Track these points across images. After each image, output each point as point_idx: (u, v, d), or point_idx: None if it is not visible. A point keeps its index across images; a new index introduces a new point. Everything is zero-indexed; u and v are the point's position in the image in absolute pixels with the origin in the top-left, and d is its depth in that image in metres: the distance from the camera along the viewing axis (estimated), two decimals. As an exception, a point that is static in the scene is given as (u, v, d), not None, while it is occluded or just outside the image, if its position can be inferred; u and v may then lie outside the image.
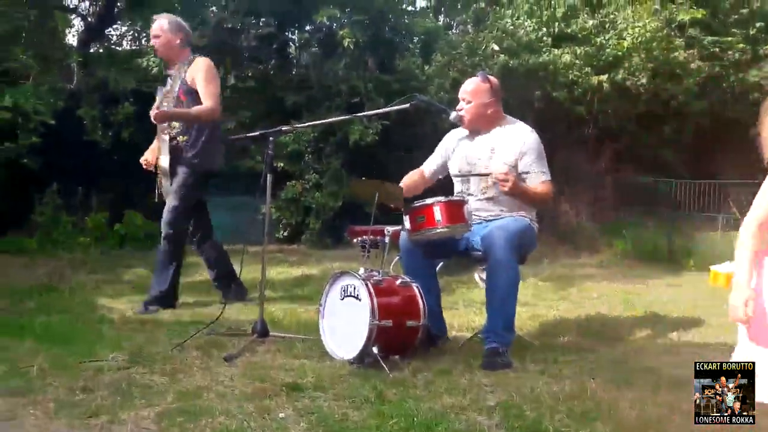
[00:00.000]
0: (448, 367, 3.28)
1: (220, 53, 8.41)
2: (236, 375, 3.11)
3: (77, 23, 11.95)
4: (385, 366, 3.18)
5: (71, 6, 11.38)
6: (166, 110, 4.48)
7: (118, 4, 10.25)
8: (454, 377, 3.14)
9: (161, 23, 4.68)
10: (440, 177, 4.04)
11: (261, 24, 8.58)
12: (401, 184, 3.85)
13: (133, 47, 11.27)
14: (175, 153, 4.58)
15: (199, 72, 4.55)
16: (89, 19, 10.94)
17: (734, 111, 10.35)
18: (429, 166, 4.04)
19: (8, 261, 6.61)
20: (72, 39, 11.47)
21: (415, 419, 2.56)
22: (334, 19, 8.42)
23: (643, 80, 9.04)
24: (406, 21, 9.83)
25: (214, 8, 8.57)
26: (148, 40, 9.54)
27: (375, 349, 3.24)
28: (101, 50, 10.81)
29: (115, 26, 11.26)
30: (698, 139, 10.88)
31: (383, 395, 2.83)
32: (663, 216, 8.39)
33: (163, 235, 4.66)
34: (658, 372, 3.27)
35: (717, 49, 10.02)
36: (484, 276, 3.67)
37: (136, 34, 10.96)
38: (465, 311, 4.79)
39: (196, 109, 4.47)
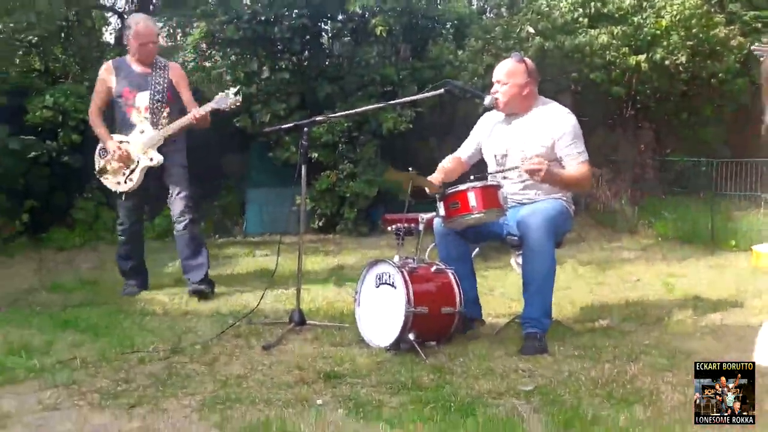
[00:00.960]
0: (485, 353, 3.28)
1: (254, 45, 8.48)
2: (274, 363, 3.15)
3: (114, 21, 12.18)
4: (421, 352, 3.19)
5: (108, 4, 11.59)
6: (202, 113, 4.66)
7: (154, 1, 10.40)
8: (490, 362, 3.13)
9: (154, 25, 5.01)
10: (477, 160, 4.01)
11: (294, 15, 8.59)
12: (438, 171, 3.83)
13: (169, 43, 11.42)
14: (168, 147, 4.80)
15: (182, 79, 4.94)
16: (125, 17, 11.11)
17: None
18: (465, 151, 4.01)
19: (51, 256, 6.77)
20: (109, 37, 11.68)
21: (453, 405, 2.57)
22: (366, 8, 8.40)
23: (683, 59, 8.81)
24: (439, 7, 9.77)
25: (247, 1, 8.62)
26: (183, 36, 9.73)
27: (411, 336, 3.25)
28: (138, 47, 10.96)
29: (150, 23, 11.40)
30: (739, 117, 10.61)
31: (420, 381, 2.85)
32: (704, 196, 8.21)
33: (189, 220, 4.87)
34: (699, 355, 3.21)
35: (759, 24, 9.74)
36: (520, 261, 3.64)
37: (172, 30, 11.09)
38: (501, 297, 4.77)
39: (204, 116, 4.70)
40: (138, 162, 4.73)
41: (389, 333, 3.33)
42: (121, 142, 4.73)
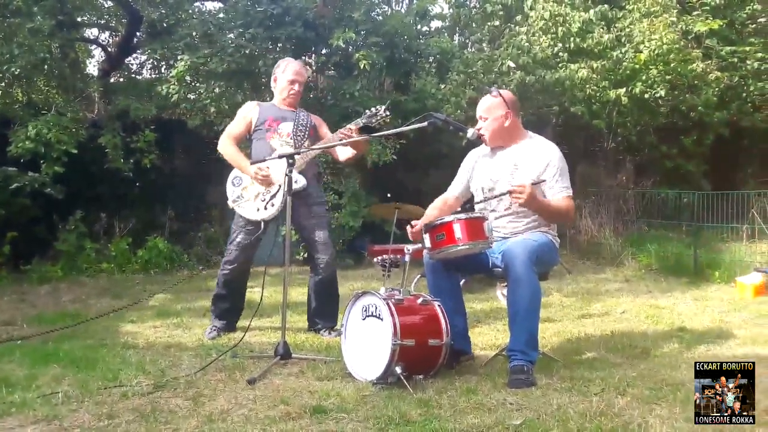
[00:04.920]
0: (473, 386, 3.25)
1: (238, 78, 8.52)
2: (259, 398, 3.10)
3: (98, 54, 12.22)
4: (408, 386, 3.17)
5: (92, 37, 11.62)
6: (353, 128, 4.41)
7: (138, 34, 10.43)
8: (478, 396, 3.10)
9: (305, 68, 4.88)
10: (468, 198, 4.02)
11: (278, 49, 8.66)
12: (426, 216, 3.84)
13: (153, 75, 11.45)
14: (307, 174, 4.53)
15: (323, 124, 4.79)
16: (110, 50, 11.15)
17: (755, 120, 10.28)
18: (454, 190, 4.03)
19: (33, 288, 6.69)
20: (93, 69, 11.71)
21: (441, 439, 2.54)
22: (350, 42, 8.49)
23: (662, 92, 8.97)
24: (421, 41, 9.89)
25: (231, 35, 8.68)
26: (168, 68, 9.74)
27: (398, 369, 3.22)
28: (122, 79, 10.99)
29: (134, 55, 11.46)
30: (719, 149, 10.78)
31: (407, 416, 2.81)
32: (686, 228, 8.30)
33: (330, 267, 4.61)
34: (687, 387, 3.21)
35: (735, 59, 9.95)
36: (506, 292, 3.64)
37: (156, 63, 11.11)
38: (488, 329, 4.76)
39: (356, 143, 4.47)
40: (280, 186, 4.41)
41: (376, 366, 3.30)
42: (259, 166, 4.43)
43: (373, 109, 4.37)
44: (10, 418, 2.83)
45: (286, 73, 4.68)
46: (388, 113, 4.36)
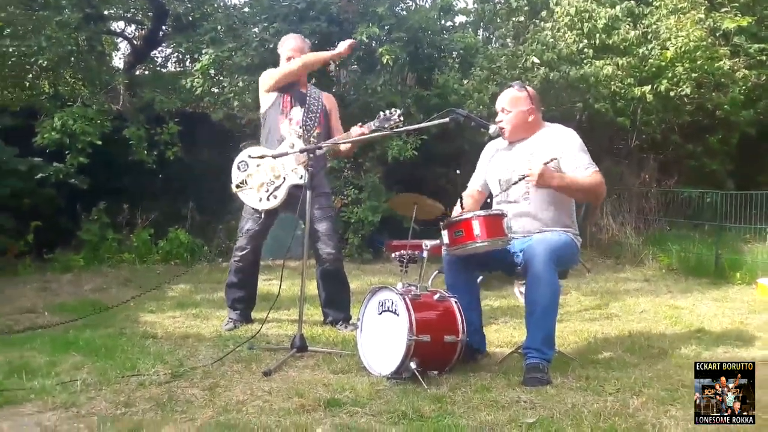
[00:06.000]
0: (487, 383, 3.25)
1: (262, 72, 8.53)
2: (275, 390, 3.13)
3: (123, 46, 12.33)
4: (423, 381, 3.17)
5: (118, 30, 11.73)
6: (366, 131, 4.38)
7: (164, 27, 10.53)
8: (492, 393, 3.10)
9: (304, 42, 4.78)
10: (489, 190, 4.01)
11: (302, 43, 8.69)
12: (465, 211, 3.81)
13: (178, 69, 11.54)
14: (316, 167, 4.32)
15: (335, 107, 4.77)
16: (135, 43, 11.25)
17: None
18: (475, 184, 4.03)
19: (56, 277, 6.78)
20: (119, 62, 11.82)
21: (453, 436, 2.54)
22: (373, 37, 8.49)
23: (687, 90, 8.86)
24: (445, 36, 9.86)
25: (256, 29, 8.71)
26: (192, 62, 9.82)
27: (413, 365, 3.23)
28: (147, 72, 11.09)
29: (160, 49, 11.56)
30: (745, 149, 10.64)
31: (421, 411, 2.82)
32: (709, 228, 8.20)
33: (334, 258, 4.59)
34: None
35: (764, 57, 9.79)
36: (523, 290, 3.62)
37: (181, 56, 11.21)
38: (504, 326, 4.75)
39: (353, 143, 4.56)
40: (285, 179, 4.46)
41: (391, 361, 3.31)
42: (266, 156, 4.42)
43: (387, 113, 4.28)
44: (29, 404, 2.89)
45: (283, 51, 4.68)
46: (401, 119, 4.31)
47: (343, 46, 4.48)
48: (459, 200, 3.73)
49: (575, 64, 8.66)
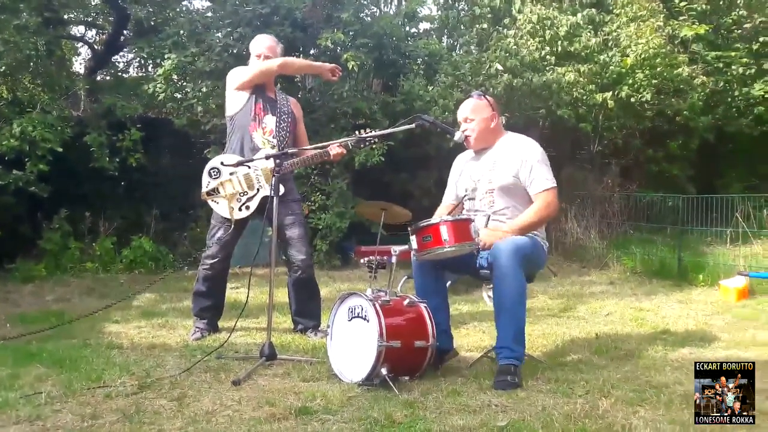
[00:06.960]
0: (458, 388, 3.26)
1: (225, 77, 8.45)
2: (245, 399, 3.10)
3: (84, 51, 12.13)
4: (394, 387, 3.17)
5: (78, 35, 11.54)
6: (339, 152, 4.48)
7: (125, 32, 10.38)
8: (463, 398, 3.11)
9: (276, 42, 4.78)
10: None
11: (266, 48, 8.62)
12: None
13: (140, 74, 11.38)
14: (286, 178, 4.48)
15: (300, 114, 4.78)
16: (96, 47, 11.08)
17: (739, 125, 10.37)
18: (449, 197, 4.09)
19: (17, 288, 6.63)
20: (79, 67, 11.63)
21: (426, 441, 2.54)
22: (338, 43, 8.48)
23: (648, 96, 9.05)
24: (410, 43, 9.90)
25: (219, 34, 8.63)
26: (154, 67, 9.68)
27: (384, 371, 3.22)
28: (108, 77, 10.92)
29: (121, 54, 11.39)
30: (704, 154, 10.88)
31: (393, 417, 2.81)
32: (671, 232, 8.36)
33: (307, 265, 4.54)
34: (671, 389, 3.24)
35: (721, 64, 10.04)
36: (491, 294, 3.65)
37: (143, 61, 11.06)
38: (474, 330, 4.78)
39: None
40: (259, 190, 4.41)
41: (362, 367, 3.30)
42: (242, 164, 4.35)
43: (362, 133, 4.21)
44: (-8, 418, 2.81)
45: (256, 48, 4.63)
46: (376, 140, 4.35)
47: (329, 69, 4.53)
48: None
49: (538, 71, 8.77)
